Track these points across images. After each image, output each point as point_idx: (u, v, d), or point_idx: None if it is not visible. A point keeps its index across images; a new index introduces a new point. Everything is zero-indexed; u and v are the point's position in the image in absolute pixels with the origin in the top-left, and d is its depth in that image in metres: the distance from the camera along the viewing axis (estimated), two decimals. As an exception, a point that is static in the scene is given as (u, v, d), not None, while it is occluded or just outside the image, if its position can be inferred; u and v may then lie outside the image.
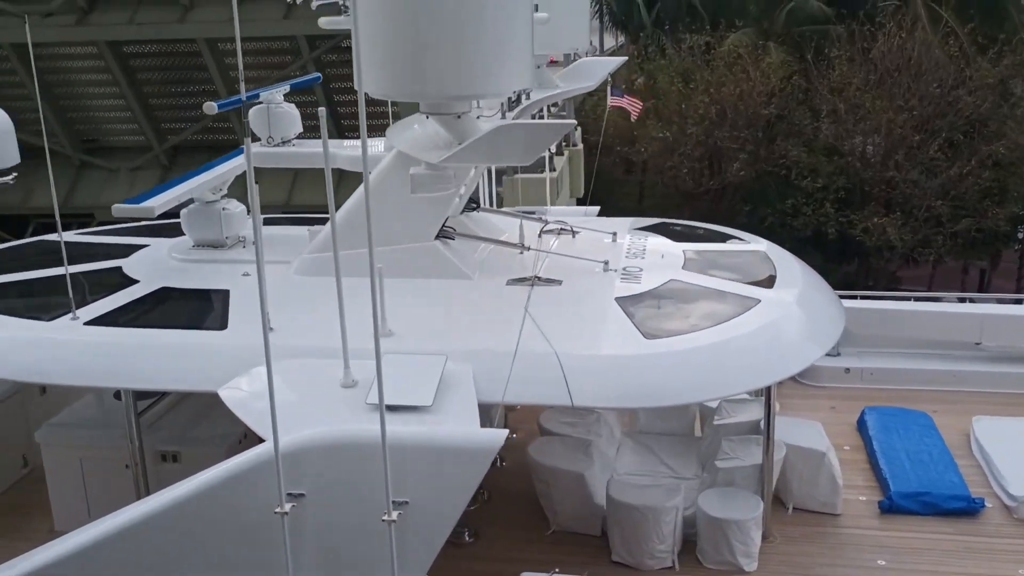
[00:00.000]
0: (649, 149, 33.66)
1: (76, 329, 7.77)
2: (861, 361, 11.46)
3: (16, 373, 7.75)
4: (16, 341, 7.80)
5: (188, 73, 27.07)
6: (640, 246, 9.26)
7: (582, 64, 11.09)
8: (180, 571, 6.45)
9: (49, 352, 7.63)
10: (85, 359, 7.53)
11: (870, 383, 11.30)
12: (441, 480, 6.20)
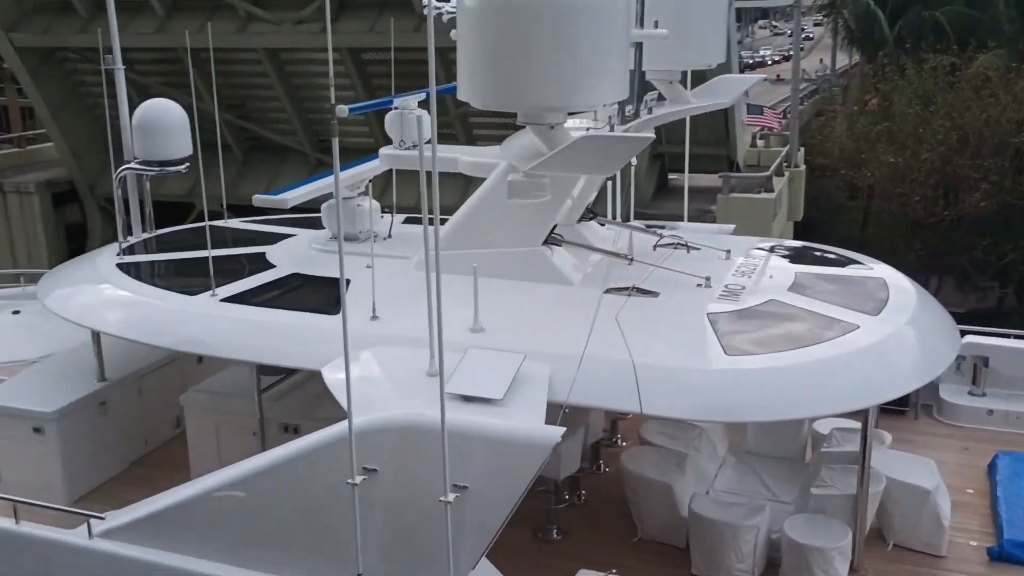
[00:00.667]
0: (877, 174, 31.91)
1: (212, 305, 8.46)
2: (1007, 404, 10.66)
3: (157, 339, 8.57)
4: (165, 312, 8.60)
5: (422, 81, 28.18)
6: (752, 265, 9.13)
7: (720, 81, 10.86)
8: (267, 528, 7.17)
9: (187, 323, 8.39)
10: (214, 332, 8.23)
11: (1014, 427, 10.46)
12: (499, 470, 6.52)
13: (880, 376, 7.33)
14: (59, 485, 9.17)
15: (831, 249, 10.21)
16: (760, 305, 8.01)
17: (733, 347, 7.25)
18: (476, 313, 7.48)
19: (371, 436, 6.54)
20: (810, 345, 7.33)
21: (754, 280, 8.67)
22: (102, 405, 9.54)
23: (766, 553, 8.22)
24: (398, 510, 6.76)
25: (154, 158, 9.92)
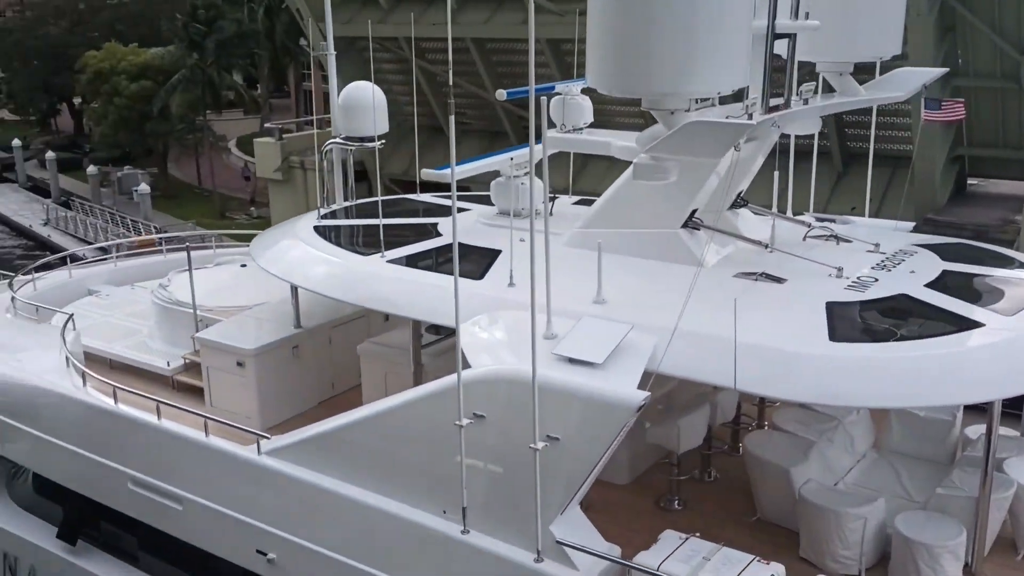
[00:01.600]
0: None
1: (379, 265, 9.45)
2: None
3: (331, 291, 9.61)
4: (340, 269, 9.69)
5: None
6: (899, 260, 9.02)
7: (898, 73, 10.58)
8: (393, 459, 8.22)
9: (356, 280, 9.44)
10: (376, 288, 9.23)
11: None
12: (587, 425, 7.20)
13: (996, 374, 7.18)
14: (254, 413, 10.36)
15: (1010, 253, 9.81)
16: (886, 298, 8.02)
17: (840, 334, 7.38)
18: (599, 286, 8.16)
19: (481, 386, 7.47)
20: (921, 338, 7.42)
21: (892, 274, 8.63)
22: (295, 349, 10.66)
23: (879, 546, 8.22)
24: (500, 454, 7.53)
25: (354, 135, 11.01)
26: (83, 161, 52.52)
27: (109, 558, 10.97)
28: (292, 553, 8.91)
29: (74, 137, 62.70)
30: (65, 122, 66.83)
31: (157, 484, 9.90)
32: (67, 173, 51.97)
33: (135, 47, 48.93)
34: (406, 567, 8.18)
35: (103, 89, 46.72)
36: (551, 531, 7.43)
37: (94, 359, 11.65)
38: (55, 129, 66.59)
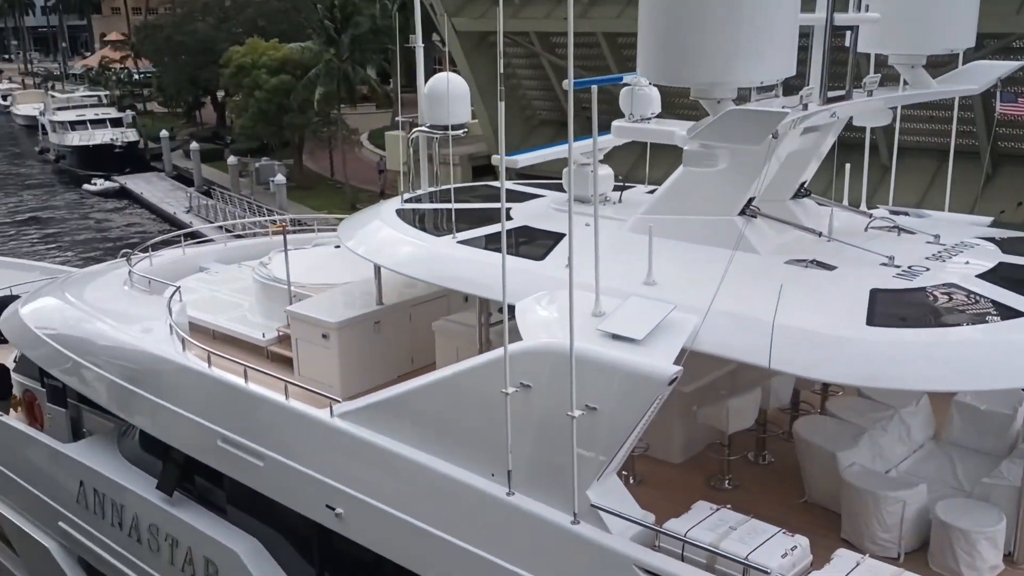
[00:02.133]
0: None
1: (449, 246, 9.88)
2: None
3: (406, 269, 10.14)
4: (415, 249, 10.19)
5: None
6: (956, 251, 8.97)
7: (974, 67, 10.45)
8: (449, 424, 8.73)
9: (428, 259, 9.90)
10: (445, 267, 9.67)
11: None
12: (622, 396, 7.58)
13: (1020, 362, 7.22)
14: (336, 382, 10.90)
15: None
16: (934, 287, 8.06)
17: (877, 319, 7.50)
18: (650, 268, 8.47)
19: (527, 357, 7.94)
20: (959, 325, 7.47)
21: (944, 264, 8.61)
22: (377, 324, 11.25)
23: (920, 532, 8.30)
24: (543, 421, 7.95)
25: (438, 123, 11.25)
26: (224, 152, 54.87)
27: (201, 509, 11.74)
28: (357, 509, 9.43)
29: (217, 129, 65.61)
30: (209, 115, 69.95)
31: (242, 442, 10.55)
32: (209, 163, 54.42)
33: (276, 42, 50.74)
34: (456, 525, 8.63)
35: (244, 83, 48.63)
36: (587, 495, 7.79)
37: (198, 329, 12.52)
38: (199, 121, 69.81)
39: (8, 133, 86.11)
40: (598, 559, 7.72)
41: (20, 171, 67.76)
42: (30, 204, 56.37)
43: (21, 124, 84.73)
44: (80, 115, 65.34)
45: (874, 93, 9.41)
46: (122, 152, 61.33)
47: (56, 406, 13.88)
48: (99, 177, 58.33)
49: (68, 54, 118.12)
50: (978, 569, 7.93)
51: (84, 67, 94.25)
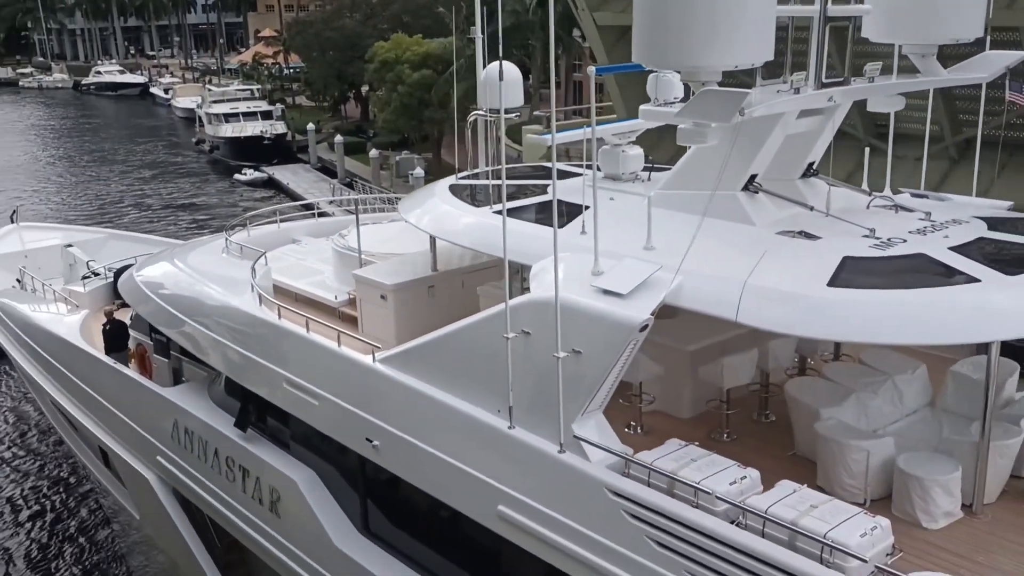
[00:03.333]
0: None
1: (486, 215, 11.12)
2: None
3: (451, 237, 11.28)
4: (457, 218, 11.28)
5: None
6: (942, 227, 9.53)
7: (987, 56, 10.92)
8: (468, 367, 9.84)
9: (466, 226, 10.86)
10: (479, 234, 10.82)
11: None
12: (602, 341, 8.66)
13: (962, 321, 7.97)
14: (392, 339, 11.80)
15: None
16: (903, 256, 8.79)
17: (839, 281, 8.31)
18: (649, 235, 9.46)
19: (527, 308, 9.09)
20: (917, 287, 8.17)
21: (924, 238, 9.23)
22: (431, 288, 12.41)
23: (886, 481, 8.94)
24: (539, 363, 8.95)
25: (494, 107, 11.77)
26: (367, 145, 56.26)
27: (269, 444, 13.20)
28: (391, 441, 10.68)
29: (360, 123, 67.37)
30: (353, 109, 71.93)
31: (302, 383, 11.89)
32: (352, 156, 55.93)
33: (419, 38, 51.64)
34: (468, 454, 9.83)
35: (388, 77, 49.67)
36: (572, 428, 8.84)
37: (283, 292, 14.01)
38: (344, 115, 71.88)
39: (169, 124, 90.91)
40: (577, 484, 8.78)
41: (176, 160, 71.41)
42: (186, 191, 59.30)
43: (180, 116, 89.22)
44: (233, 108, 68.29)
45: (875, 80, 10.21)
46: (271, 144, 63.76)
47: (161, 357, 15.77)
48: (249, 167, 60.81)
49: (225, 50, 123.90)
50: (932, 515, 8.59)
51: (239, 62, 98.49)
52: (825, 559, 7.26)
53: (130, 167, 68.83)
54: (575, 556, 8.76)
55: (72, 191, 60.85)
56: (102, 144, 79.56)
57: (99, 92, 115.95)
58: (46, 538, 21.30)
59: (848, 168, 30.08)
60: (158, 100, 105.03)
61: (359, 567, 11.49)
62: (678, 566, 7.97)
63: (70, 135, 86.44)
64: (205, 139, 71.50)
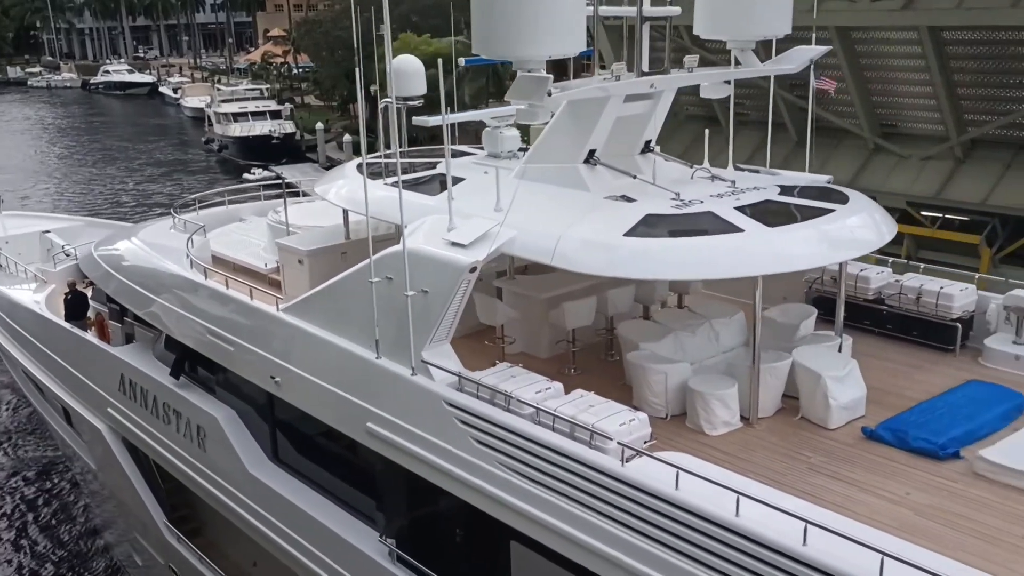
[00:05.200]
0: None
1: (380, 187, 12.48)
2: None
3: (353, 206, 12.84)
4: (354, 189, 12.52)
5: (1007, 63, 25.26)
6: (739, 193, 11.28)
7: (796, 50, 12.75)
8: (349, 309, 11.56)
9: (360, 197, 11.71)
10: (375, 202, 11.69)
11: None
12: (442, 281, 10.45)
13: (725, 261, 9.93)
14: None
15: (854, 194, 11.66)
16: (694, 214, 10.55)
17: (633, 231, 10.14)
18: (498, 198, 11.04)
19: (389, 257, 10.83)
20: (693, 236, 10.13)
21: (719, 200, 10.93)
22: (344, 254, 13.54)
23: (682, 398, 10.71)
24: (398, 303, 10.63)
25: (400, 95, 13.21)
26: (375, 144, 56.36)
27: (197, 389, 15.20)
28: (290, 377, 12.42)
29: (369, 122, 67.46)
30: (362, 108, 71.98)
31: (221, 333, 13.66)
32: (361, 155, 55.96)
33: (427, 37, 51.77)
34: (346, 382, 11.54)
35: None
36: (422, 355, 10.56)
37: (221, 261, 15.63)
38: (353, 115, 72.07)
39: (177, 124, 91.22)
40: (424, 400, 10.48)
41: (185, 158, 71.73)
42: (193, 190, 59.52)
43: (189, 116, 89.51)
44: (242, 107, 68.56)
45: (693, 71, 12.07)
46: (279, 143, 64.03)
47: (116, 323, 17.84)
48: (257, 166, 61.11)
49: (234, 49, 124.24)
50: (713, 424, 10.38)
51: (248, 62, 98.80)
52: (592, 444, 8.96)
53: (138, 165, 69.13)
54: (425, 460, 10.48)
55: (79, 187, 61.23)
56: (110, 142, 79.87)
57: (107, 91, 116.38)
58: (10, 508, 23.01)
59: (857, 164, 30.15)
60: (167, 100, 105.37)
61: (270, 490, 13.42)
62: (492, 459, 9.69)
63: (78, 133, 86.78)
64: (214, 138, 71.75)
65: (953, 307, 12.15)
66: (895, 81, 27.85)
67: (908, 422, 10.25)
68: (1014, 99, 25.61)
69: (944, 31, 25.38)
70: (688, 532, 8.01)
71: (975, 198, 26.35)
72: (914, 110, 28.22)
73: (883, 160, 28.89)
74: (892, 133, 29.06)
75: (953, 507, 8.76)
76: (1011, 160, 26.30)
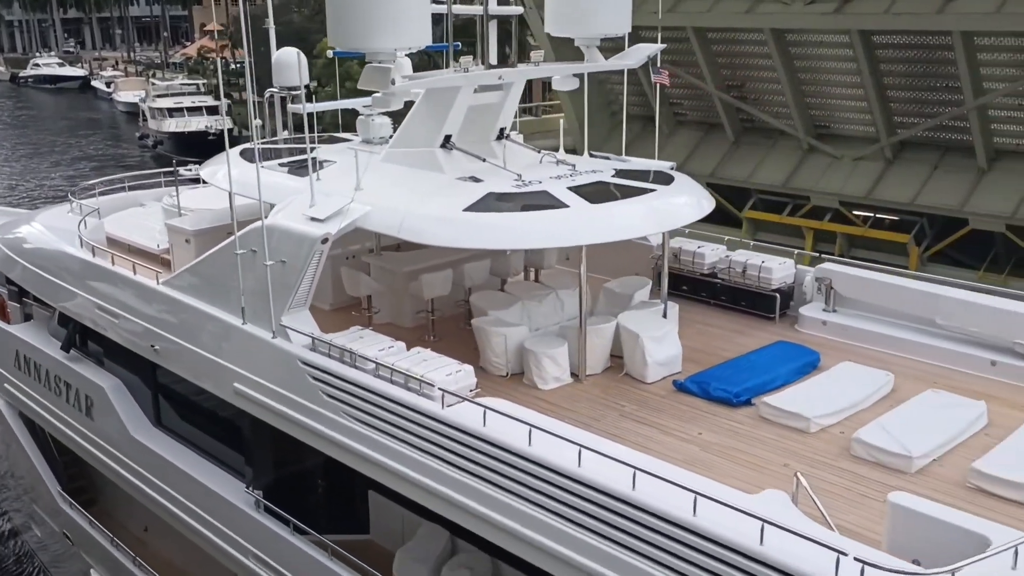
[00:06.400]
0: None
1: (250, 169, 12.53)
2: (840, 319, 13.17)
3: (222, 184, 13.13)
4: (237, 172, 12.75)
5: (934, 67, 25.95)
6: (577, 175, 12.33)
7: (636, 48, 13.70)
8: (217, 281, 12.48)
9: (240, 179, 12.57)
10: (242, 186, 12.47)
11: (838, 336, 13.00)
12: (296, 251, 11.41)
13: (549, 232, 11.15)
14: None
15: (686, 180, 12.90)
16: (530, 192, 11.60)
17: (472, 207, 11.16)
18: (358, 180, 11.88)
19: (254, 231, 11.66)
20: (523, 211, 11.21)
21: (557, 181, 11.96)
22: (229, 233, 13.75)
23: (520, 358, 11.87)
24: (261, 273, 11.55)
25: (281, 85, 14.52)
26: (314, 141, 55.74)
27: (86, 361, 16.04)
28: (167, 345, 13.38)
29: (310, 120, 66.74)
30: (300, 104, 71.17)
31: (107, 307, 14.51)
32: (299, 152, 55.36)
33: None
34: (217, 347, 12.50)
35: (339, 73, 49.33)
36: (281, 320, 11.49)
37: (116, 242, 16.33)
38: (290, 111, 71.11)
39: (110, 118, 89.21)
40: (282, 360, 11.45)
41: (118, 153, 70.18)
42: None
43: (122, 111, 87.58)
44: (178, 103, 67.26)
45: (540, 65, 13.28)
46: (216, 139, 63.03)
47: (15, 303, 18.46)
48: (193, 162, 59.86)
49: (169, 43, 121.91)
50: (545, 379, 11.56)
51: (183, 56, 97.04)
52: (421, 392, 9.97)
53: (68, 160, 67.49)
54: (284, 415, 11.45)
55: (4, 182, 59.46)
56: (39, 137, 77.81)
57: (37, 85, 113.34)
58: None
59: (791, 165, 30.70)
60: (100, 94, 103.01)
61: (152, 453, 14.37)
62: (339, 409, 10.70)
63: (5, 128, 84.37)
64: (148, 134, 70.30)
65: (772, 279, 13.65)
66: (828, 83, 28.43)
67: (712, 376, 11.61)
68: (941, 102, 26.32)
69: (874, 35, 25.98)
70: (495, 463, 9.12)
71: (904, 198, 27.02)
72: (846, 112, 28.84)
73: (817, 160, 29.47)
74: (826, 134, 29.66)
75: (735, 444, 10.25)
76: (938, 161, 27.03)
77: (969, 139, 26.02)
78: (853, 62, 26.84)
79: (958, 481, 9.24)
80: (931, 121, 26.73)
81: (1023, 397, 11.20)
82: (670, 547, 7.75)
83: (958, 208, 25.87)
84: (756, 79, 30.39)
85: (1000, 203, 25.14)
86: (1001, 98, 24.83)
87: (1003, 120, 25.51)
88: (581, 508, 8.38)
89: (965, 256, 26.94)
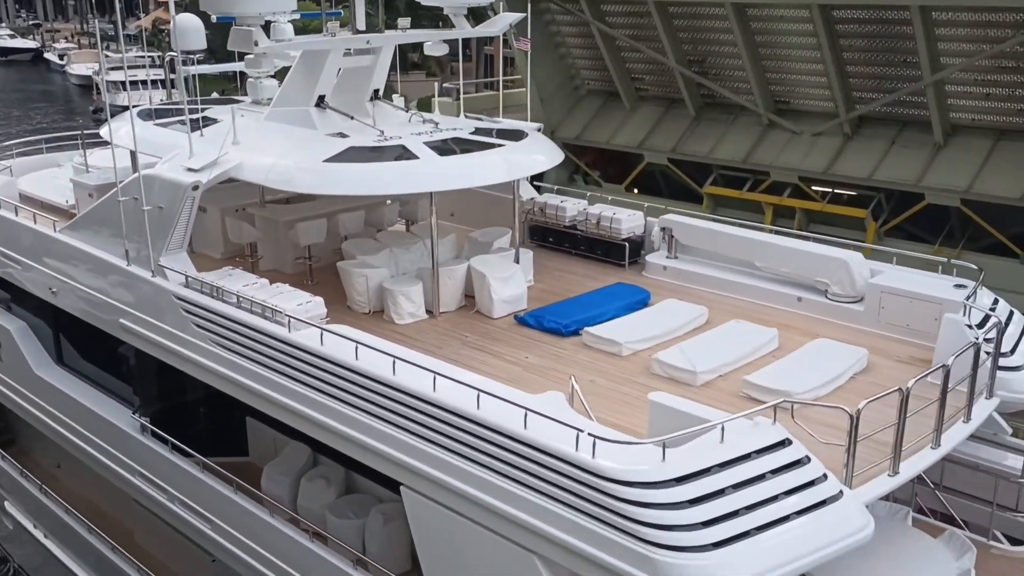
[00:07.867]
0: None
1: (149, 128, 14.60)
2: (679, 264, 14.72)
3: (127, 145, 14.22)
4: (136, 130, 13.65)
5: (893, 42, 26.09)
6: (437, 132, 13.82)
7: (499, 17, 15.06)
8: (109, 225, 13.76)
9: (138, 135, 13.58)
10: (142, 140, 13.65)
11: (675, 279, 14.56)
12: (171, 198, 12.64)
13: (400, 179, 12.42)
14: None
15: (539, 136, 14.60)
16: (388, 146, 13.03)
17: (336, 159, 12.50)
18: (234, 135, 13.11)
19: (135, 181, 12.94)
20: (376, 162, 12.51)
21: (416, 137, 13.38)
22: None
23: (382, 297, 13.32)
24: (140, 217, 12.77)
25: (184, 49, 14.44)
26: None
27: (2, 310, 17.62)
28: (63, 287, 14.86)
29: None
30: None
31: (13, 255, 16.08)
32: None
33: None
34: (107, 287, 13.86)
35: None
36: (160, 260, 12.78)
37: (29, 199, 17.63)
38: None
39: (64, 91, 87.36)
40: (160, 297, 12.77)
41: (72, 126, 68.64)
42: (81, 161, 57.11)
43: (76, 83, 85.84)
44: (133, 75, 65.98)
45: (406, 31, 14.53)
46: (172, 112, 61.82)
47: None
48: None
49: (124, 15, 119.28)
50: (401, 315, 13.03)
51: (138, 28, 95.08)
52: (274, 319, 11.25)
53: (19, 132, 65.89)
54: (162, 346, 12.87)
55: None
56: (-10, 110, 76.05)
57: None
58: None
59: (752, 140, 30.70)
60: (52, 67, 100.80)
61: (55, 389, 16.03)
62: (209, 339, 12.01)
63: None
64: (103, 107, 68.98)
65: (622, 230, 15.20)
66: (788, 59, 28.44)
67: (549, 311, 13.13)
68: (899, 77, 26.48)
69: (834, 9, 26.02)
70: (331, 377, 10.46)
71: (862, 173, 27.21)
72: (806, 87, 28.90)
73: (777, 136, 29.54)
74: (786, 110, 29.72)
75: (555, 365, 11.78)
76: (895, 136, 27.24)
77: (926, 114, 26.22)
78: (813, 36, 26.86)
79: (734, 392, 10.91)
80: (889, 96, 26.89)
81: (816, 326, 12.85)
82: (457, 436, 9.27)
83: (914, 183, 26.10)
84: (717, 54, 30.33)
85: (955, 178, 25.40)
86: (957, 73, 25.03)
87: (959, 95, 25.72)
88: (394, 410, 9.85)
89: (921, 230, 27.24)
